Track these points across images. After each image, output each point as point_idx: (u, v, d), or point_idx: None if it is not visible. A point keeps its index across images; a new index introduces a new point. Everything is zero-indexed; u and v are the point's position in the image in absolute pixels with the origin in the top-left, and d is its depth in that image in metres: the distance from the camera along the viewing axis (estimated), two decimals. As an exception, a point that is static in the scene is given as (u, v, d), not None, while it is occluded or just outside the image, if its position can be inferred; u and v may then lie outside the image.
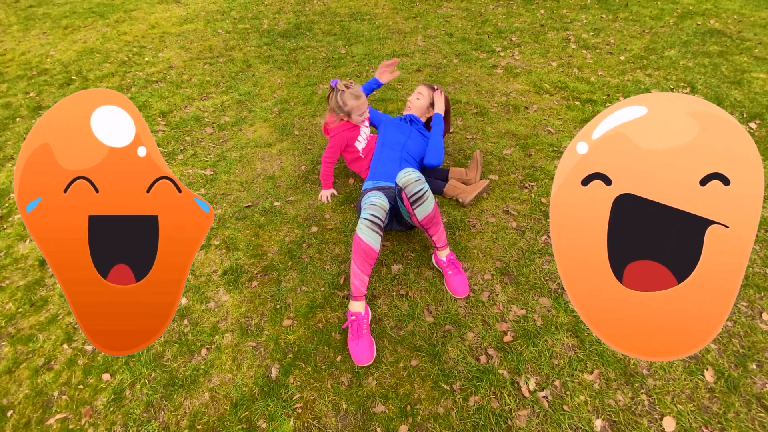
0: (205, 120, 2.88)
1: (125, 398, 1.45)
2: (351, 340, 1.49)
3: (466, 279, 1.68)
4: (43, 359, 1.60)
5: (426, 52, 3.67)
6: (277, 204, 2.15)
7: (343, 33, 4.13)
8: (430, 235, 1.68)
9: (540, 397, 1.36)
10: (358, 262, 1.52)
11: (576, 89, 2.93)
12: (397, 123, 2.12)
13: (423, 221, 1.62)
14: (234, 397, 1.42)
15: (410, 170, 1.60)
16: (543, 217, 1.96)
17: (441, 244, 1.69)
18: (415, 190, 1.56)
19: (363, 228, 1.51)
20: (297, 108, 2.96)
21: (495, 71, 3.27)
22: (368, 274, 1.54)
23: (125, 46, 4.11)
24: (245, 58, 3.73)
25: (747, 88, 2.83)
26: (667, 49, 3.40)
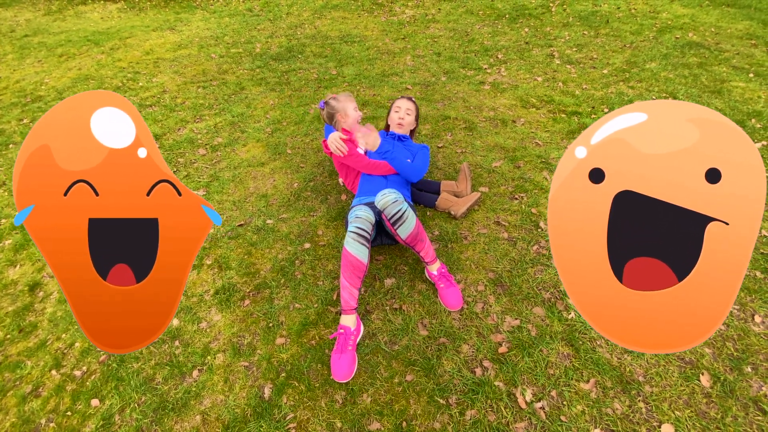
0: (199, 141, 2.91)
1: (114, 424, 1.41)
2: (334, 352, 1.48)
3: (459, 291, 1.67)
4: (30, 386, 1.56)
5: (415, 70, 3.76)
6: (269, 222, 2.16)
7: (334, 55, 4.23)
8: (417, 251, 1.69)
9: (537, 408, 1.34)
10: (347, 275, 1.53)
11: (562, 102, 3.00)
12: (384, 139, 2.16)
13: (407, 240, 1.63)
14: (226, 420, 1.39)
15: (387, 192, 1.62)
16: (533, 227, 1.98)
17: (429, 259, 1.70)
18: (393, 211, 1.58)
19: (350, 241, 1.53)
20: (289, 128, 3.00)
21: (482, 87, 3.35)
22: (357, 287, 1.54)
23: (120, 72, 4.18)
24: (238, 80, 3.80)
25: (727, 96, 2.91)
26: (648, 62, 3.50)
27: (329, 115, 2.06)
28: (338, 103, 2.04)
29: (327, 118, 2.08)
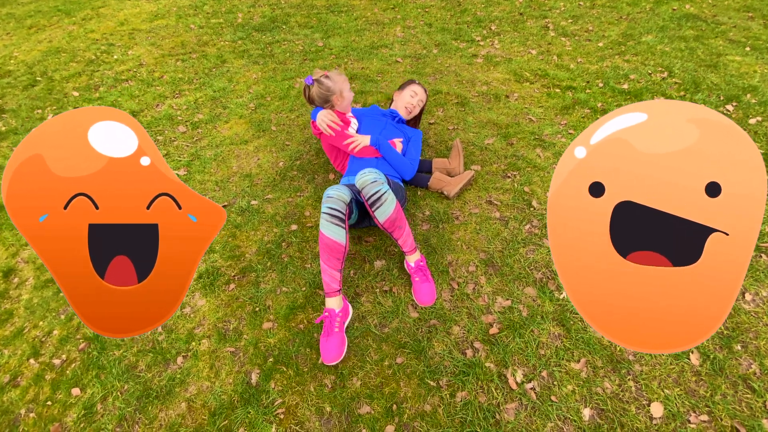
0: (178, 118, 2.78)
1: (96, 413, 1.37)
2: (321, 336, 1.45)
3: (433, 287, 1.60)
4: (8, 375, 1.51)
5: (405, 43, 3.61)
6: (254, 203, 2.08)
7: (320, 25, 4.03)
8: (395, 238, 1.60)
9: (527, 389, 1.34)
10: (325, 258, 1.48)
11: (556, 77, 2.91)
12: (377, 118, 2.08)
13: (385, 224, 1.54)
14: (212, 406, 1.36)
15: (367, 171, 1.53)
16: (526, 206, 1.93)
17: (408, 248, 1.62)
18: (372, 191, 1.49)
19: (324, 222, 1.46)
20: (274, 103, 2.87)
21: (475, 60, 3.23)
22: (338, 269, 1.49)
23: (93, 45, 3.94)
24: (219, 53, 3.61)
25: (723, 71, 2.85)
26: (645, 35, 3.40)
27: (322, 96, 1.87)
28: (333, 84, 1.85)
29: (319, 99, 1.89)
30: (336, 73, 1.89)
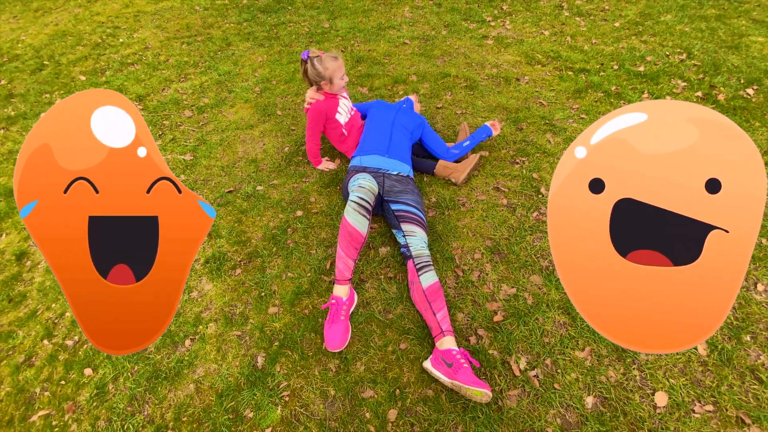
0: (184, 102, 2.76)
1: (108, 392, 1.41)
2: (327, 323, 1.45)
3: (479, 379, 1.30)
4: (23, 356, 1.56)
5: (413, 23, 3.51)
6: (260, 188, 2.08)
7: (327, 6, 3.94)
8: (434, 311, 1.40)
9: (531, 376, 1.34)
10: (344, 245, 1.48)
11: (569, 59, 2.82)
12: (386, 104, 2.05)
13: (427, 290, 1.44)
14: (219, 388, 1.39)
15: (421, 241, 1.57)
16: (534, 193, 1.90)
17: (446, 327, 1.37)
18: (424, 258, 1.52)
19: (350, 210, 1.47)
20: (279, 87, 2.84)
21: (485, 42, 3.14)
22: (353, 258, 1.49)
23: (98, 27, 3.91)
24: (224, 35, 3.57)
25: (745, 52, 2.73)
26: (663, 14, 3.26)
27: (313, 77, 1.87)
28: (324, 70, 1.83)
29: (310, 78, 1.88)
30: (331, 57, 1.85)
